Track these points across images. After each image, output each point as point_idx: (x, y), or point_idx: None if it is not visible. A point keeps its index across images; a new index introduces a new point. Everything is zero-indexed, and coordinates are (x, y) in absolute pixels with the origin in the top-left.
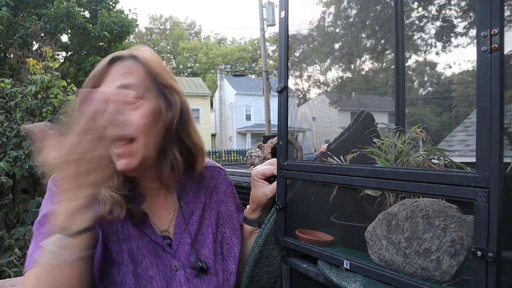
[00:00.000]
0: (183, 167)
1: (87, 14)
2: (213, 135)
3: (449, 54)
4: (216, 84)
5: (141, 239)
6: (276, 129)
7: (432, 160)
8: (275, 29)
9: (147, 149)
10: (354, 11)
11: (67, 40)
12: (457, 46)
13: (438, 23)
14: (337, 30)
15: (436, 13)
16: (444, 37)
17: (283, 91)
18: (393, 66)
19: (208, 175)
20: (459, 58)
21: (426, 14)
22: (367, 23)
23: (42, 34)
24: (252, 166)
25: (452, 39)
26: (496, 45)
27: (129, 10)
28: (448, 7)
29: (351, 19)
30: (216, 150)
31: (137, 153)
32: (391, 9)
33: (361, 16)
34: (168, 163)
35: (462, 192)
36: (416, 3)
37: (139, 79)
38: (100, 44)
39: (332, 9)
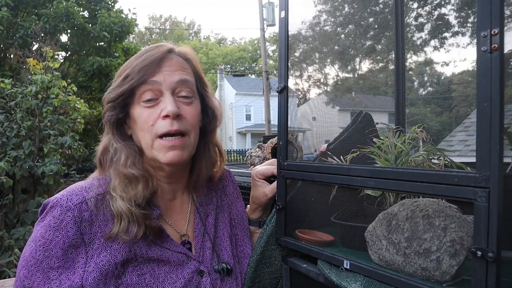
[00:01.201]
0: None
1: (86, 14)
2: None
3: (449, 54)
4: (216, 84)
5: (163, 255)
6: (276, 129)
7: (432, 160)
8: (275, 29)
9: (194, 146)
10: (354, 11)
11: (66, 40)
12: (457, 46)
13: (438, 23)
14: (337, 29)
15: (436, 13)
16: (444, 37)
17: (283, 91)
18: (393, 66)
19: (217, 177)
20: (459, 58)
21: (426, 14)
22: (367, 23)
23: (42, 35)
24: (252, 166)
25: (452, 39)
26: (496, 45)
27: (129, 10)
28: (448, 7)
29: (351, 19)
30: None
31: (188, 146)
32: (391, 9)
33: (361, 16)
34: (204, 163)
35: (462, 192)
36: (416, 3)
37: (192, 77)
38: (100, 44)
39: (332, 9)
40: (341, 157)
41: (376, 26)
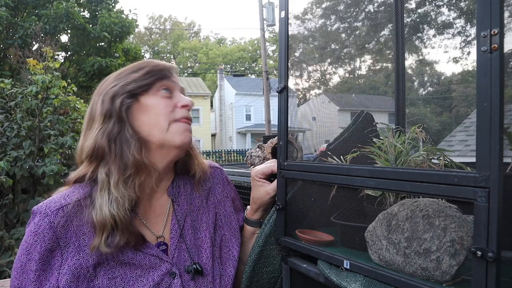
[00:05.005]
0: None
1: (86, 14)
2: (213, 135)
3: (449, 54)
4: (216, 84)
5: (135, 259)
6: (276, 129)
7: (432, 160)
8: (275, 29)
9: None
10: (354, 11)
11: (66, 41)
12: (457, 46)
13: (438, 23)
14: (336, 28)
15: (436, 13)
16: (444, 37)
17: (283, 91)
18: (393, 66)
19: (204, 176)
20: (459, 58)
21: (426, 14)
22: (368, 23)
23: (42, 35)
24: (252, 166)
25: (452, 39)
26: (496, 45)
27: (129, 11)
28: (448, 7)
29: (351, 18)
30: (216, 150)
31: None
32: (392, 8)
33: (361, 16)
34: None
35: (462, 192)
36: (416, 3)
37: None
38: (100, 44)
39: (331, 8)
40: (341, 157)
41: (376, 25)
